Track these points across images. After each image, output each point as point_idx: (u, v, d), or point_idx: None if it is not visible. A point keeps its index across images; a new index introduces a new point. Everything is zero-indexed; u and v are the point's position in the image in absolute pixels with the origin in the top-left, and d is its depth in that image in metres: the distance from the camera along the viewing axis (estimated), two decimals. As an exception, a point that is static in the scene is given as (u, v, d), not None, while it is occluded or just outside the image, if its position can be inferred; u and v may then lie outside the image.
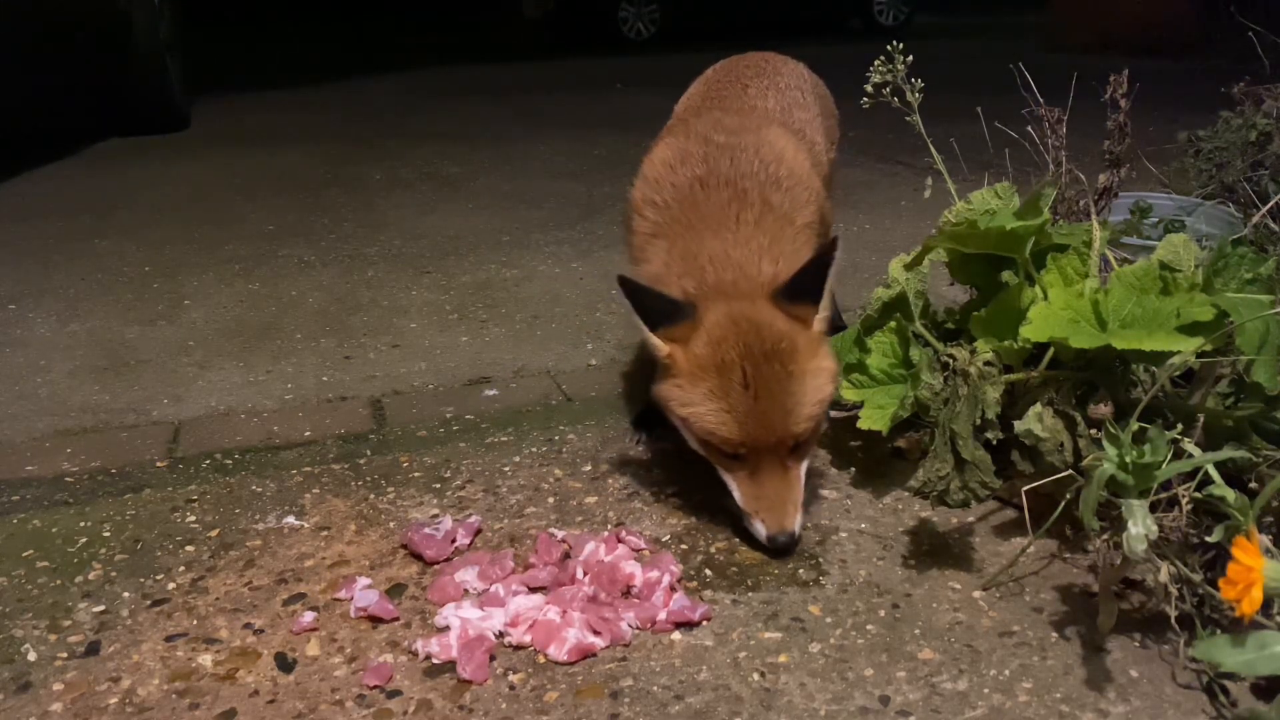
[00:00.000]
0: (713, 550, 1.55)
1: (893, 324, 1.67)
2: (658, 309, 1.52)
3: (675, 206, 1.69)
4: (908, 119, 1.88)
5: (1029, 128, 2.11)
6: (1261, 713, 1.13)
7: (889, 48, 1.87)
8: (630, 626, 1.34)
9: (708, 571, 1.49)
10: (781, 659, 1.29)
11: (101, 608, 1.44)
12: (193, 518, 1.69)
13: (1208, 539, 1.22)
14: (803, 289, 1.49)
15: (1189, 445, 1.26)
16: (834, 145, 2.27)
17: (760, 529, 1.49)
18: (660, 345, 1.52)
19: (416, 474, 1.82)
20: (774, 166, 1.71)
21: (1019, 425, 1.45)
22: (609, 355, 2.41)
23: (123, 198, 4.29)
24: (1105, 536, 1.32)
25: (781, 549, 1.50)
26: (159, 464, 1.90)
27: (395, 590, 1.46)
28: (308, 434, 2.02)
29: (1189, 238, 1.65)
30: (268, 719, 1.21)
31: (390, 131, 6.03)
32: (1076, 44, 8.64)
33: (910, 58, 1.86)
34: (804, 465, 1.54)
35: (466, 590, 1.43)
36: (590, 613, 1.35)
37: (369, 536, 1.61)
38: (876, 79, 1.88)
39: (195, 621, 1.40)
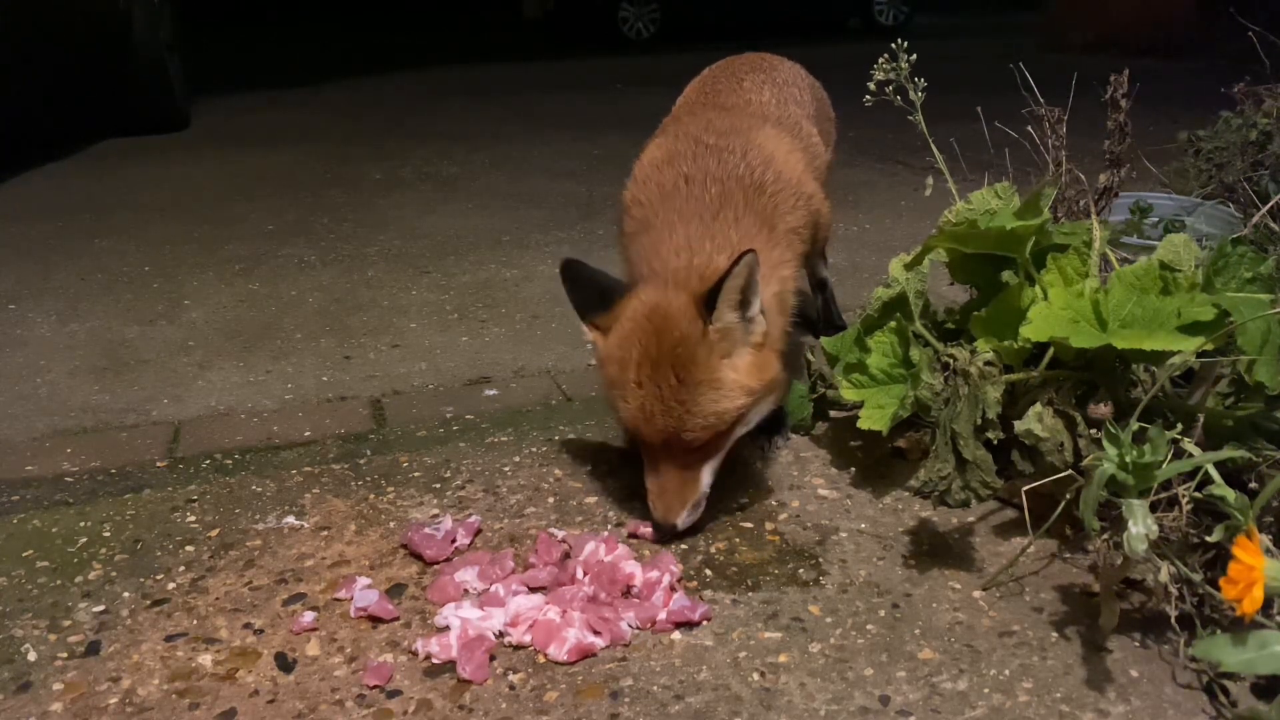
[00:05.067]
0: (713, 550, 1.55)
1: (893, 324, 1.67)
2: (590, 296, 1.58)
3: (658, 203, 1.69)
4: (910, 118, 1.88)
5: (1029, 128, 2.11)
6: (1261, 713, 1.13)
7: (894, 45, 1.86)
8: (630, 626, 1.34)
9: (708, 571, 1.49)
10: (781, 659, 1.29)
11: (101, 608, 1.44)
12: (193, 518, 1.69)
13: (1208, 539, 1.22)
14: (713, 297, 1.45)
15: (1189, 445, 1.27)
16: (831, 146, 2.26)
17: (652, 512, 1.54)
18: (586, 331, 1.58)
19: (416, 474, 1.82)
20: (760, 170, 1.71)
21: (1019, 425, 1.46)
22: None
23: (123, 198, 4.29)
24: (1105, 536, 1.32)
25: (664, 535, 1.55)
26: (159, 464, 1.90)
27: (395, 590, 1.46)
28: (308, 434, 2.02)
29: (1189, 238, 1.65)
30: (268, 719, 1.21)
31: (390, 131, 6.03)
32: (1076, 44, 8.64)
33: (914, 56, 1.86)
34: (707, 466, 1.53)
35: (466, 590, 1.43)
36: (590, 613, 1.35)
37: (369, 536, 1.61)
38: (880, 77, 1.87)
39: (195, 621, 1.40)
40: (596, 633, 1.32)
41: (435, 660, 1.30)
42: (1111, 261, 1.72)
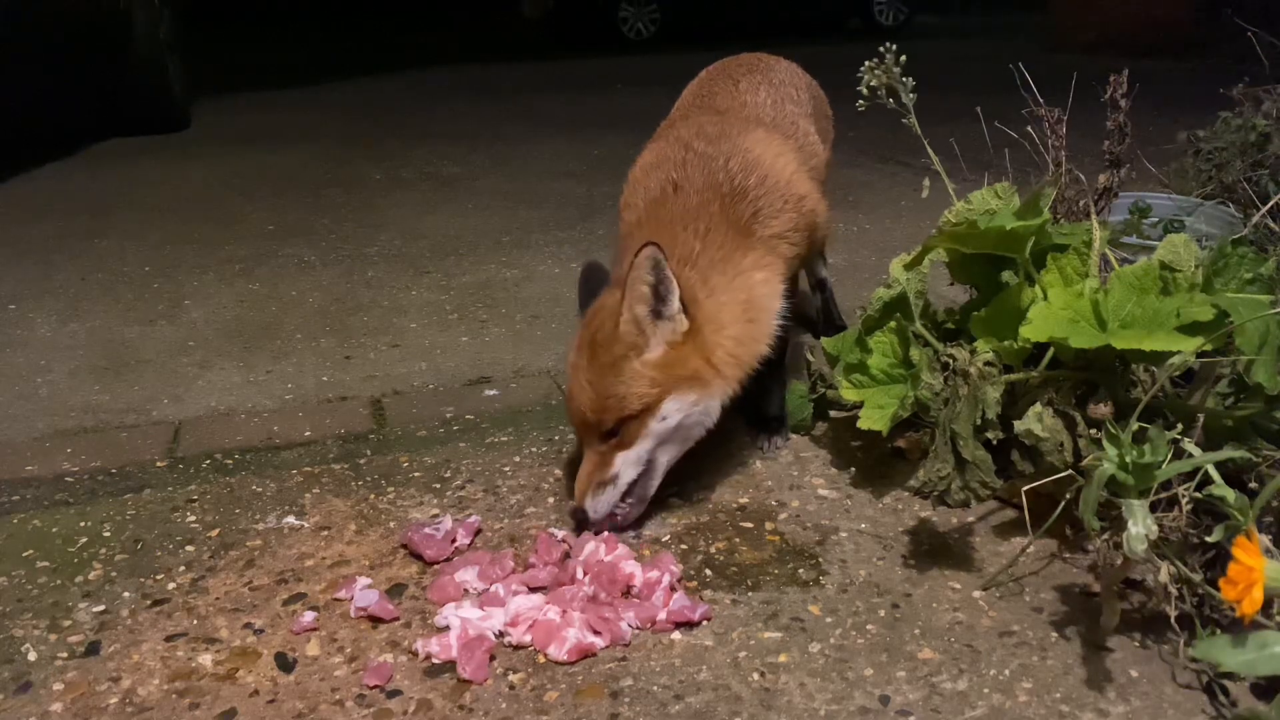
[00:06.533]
0: (713, 550, 1.55)
1: (893, 324, 1.67)
2: (589, 295, 1.70)
3: (643, 208, 1.74)
4: (904, 121, 1.87)
5: (1029, 128, 2.11)
6: (1261, 713, 1.13)
7: (881, 49, 1.86)
8: (630, 626, 1.35)
9: (708, 571, 1.49)
10: (781, 659, 1.29)
11: (101, 608, 1.44)
12: (193, 518, 1.69)
13: (1208, 539, 1.22)
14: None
15: (1189, 445, 1.26)
16: (829, 145, 2.27)
17: None
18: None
19: (416, 474, 1.82)
20: (741, 177, 1.73)
21: (1019, 425, 1.45)
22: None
23: (123, 198, 4.29)
24: (1105, 536, 1.32)
25: (576, 523, 1.58)
26: (159, 464, 1.90)
27: (395, 590, 1.46)
28: (308, 434, 2.02)
29: (1189, 238, 1.65)
30: (268, 719, 1.21)
31: (390, 131, 6.03)
32: (1076, 44, 8.64)
33: (904, 58, 1.86)
34: (621, 456, 1.56)
35: (466, 590, 1.43)
36: (590, 613, 1.35)
37: (369, 536, 1.61)
38: (871, 81, 1.87)
39: (195, 621, 1.40)
40: (596, 633, 1.32)
41: (435, 660, 1.30)
42: (1111, 262, 1.72)
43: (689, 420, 1.59)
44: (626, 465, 1.56)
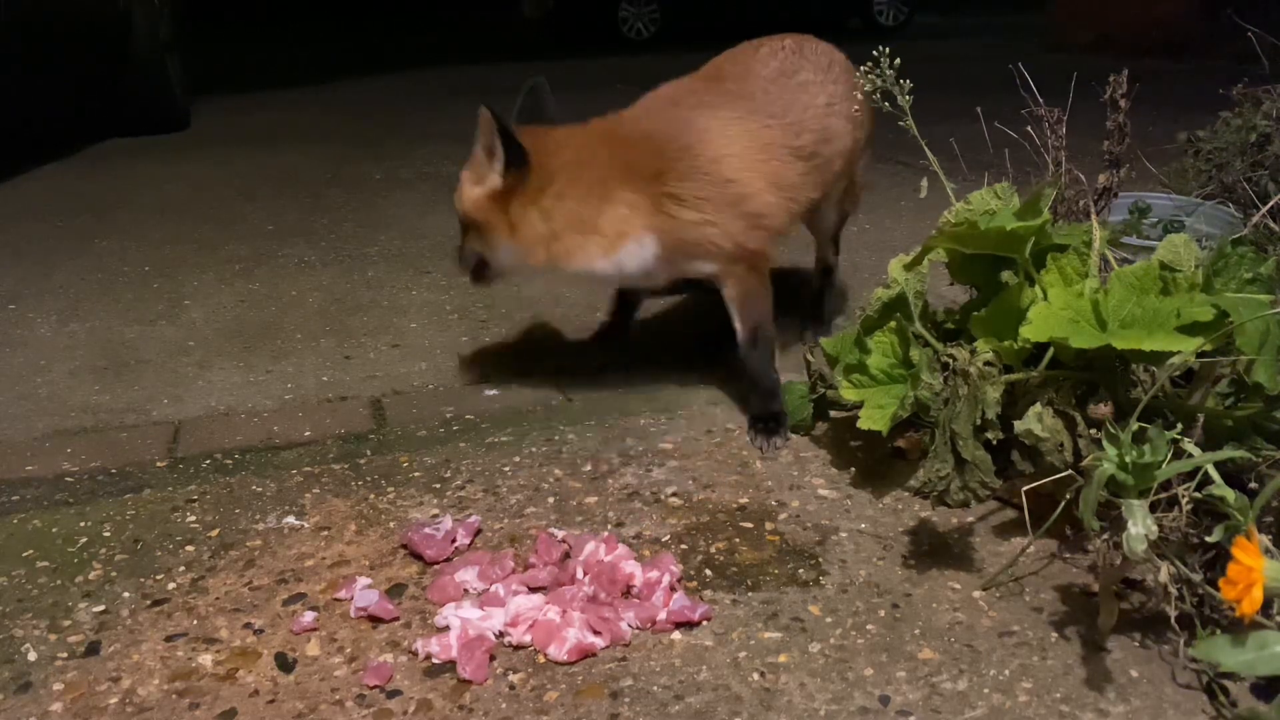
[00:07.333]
0: (713, 550, 1.55)
1: (892, 324, 1.67)
2: (526, 108, 2.13)
3: (602, 128, 2.05)
4: (901, 123, 1.87)
5: (1029, 128, 2.11)
6: (1261, 713, 1.13)
7: (875, 52, 1.86)
8: (630, 626, 1.35)
9: (708, 571, 1.49)
10: (781, 659, 1.29)
11: (101, 608, 1.44)
12: (193, 518, 1.69)
13: (1208, 539, 1.22)
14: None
15: (1189, 445, 1.26)
16: (860, 127, 2.25)
17: None
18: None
19: (416, 474, 1.82)
20: (668, 143, 1.90)
21: (1019, 425, 1.45)
22: (609, 355, 2.40)
23: (123, 198, 4.29)
24: (1105, 536, 1.32)
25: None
26: (159, 464, 1.90)
27: (395, 590, 1.46)
28: (308, 434, 2.02)
29: (1189, 238, 1.65)
30: (268, 719, 1.21)
31: (390, 131, 6.02)
32: (1076, 44, 8.64)
33: (899, 60, 1.86)
34: (470, 245, 2.00)
35: (466, 590, 1.43)
36: (590, 613, 1.35)
37: (369, 536, 1.61)
38: (866, 86, 1.87)
39: (195, 621, 1.40)
40: (596, 633, 1.32)
41: (435, 660, 1.30)
42: (1111, 262, 1.72)
43: (506, 254, 1.94)
44: (468, 252, 2.00)
